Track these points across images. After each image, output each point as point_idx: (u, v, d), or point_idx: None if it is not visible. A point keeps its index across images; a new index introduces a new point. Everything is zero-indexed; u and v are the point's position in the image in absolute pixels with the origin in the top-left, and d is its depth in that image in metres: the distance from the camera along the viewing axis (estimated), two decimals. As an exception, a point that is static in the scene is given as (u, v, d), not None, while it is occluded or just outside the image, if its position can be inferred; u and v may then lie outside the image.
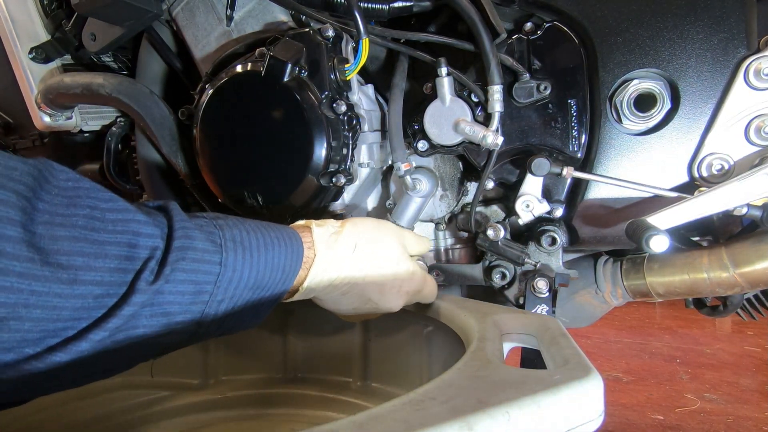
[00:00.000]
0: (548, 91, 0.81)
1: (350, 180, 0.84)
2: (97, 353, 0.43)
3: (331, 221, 0.66)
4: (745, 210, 0.72)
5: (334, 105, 0.80)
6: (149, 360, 0.51)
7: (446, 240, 0.99)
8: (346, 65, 0.82)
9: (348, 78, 0.83)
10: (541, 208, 0.83)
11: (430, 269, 0.89)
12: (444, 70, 0.81)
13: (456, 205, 0.96)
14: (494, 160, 0.82)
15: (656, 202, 0.79)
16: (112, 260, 0.43)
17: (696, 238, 0.91)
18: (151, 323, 0.47)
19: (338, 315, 0.71)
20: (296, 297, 0.62)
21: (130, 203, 0.47)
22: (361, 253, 0.64)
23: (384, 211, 0.96)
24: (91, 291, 0.42)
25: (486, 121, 0.82)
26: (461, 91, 0.83)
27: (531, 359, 0.59)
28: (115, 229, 0.44)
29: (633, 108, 0.78)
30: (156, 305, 0.46)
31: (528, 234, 0.88)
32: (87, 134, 1.17)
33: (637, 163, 0.80)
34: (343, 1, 0.83)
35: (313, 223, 0.65)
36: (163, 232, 0.48)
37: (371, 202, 0.98)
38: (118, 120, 1.13)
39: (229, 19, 0.90)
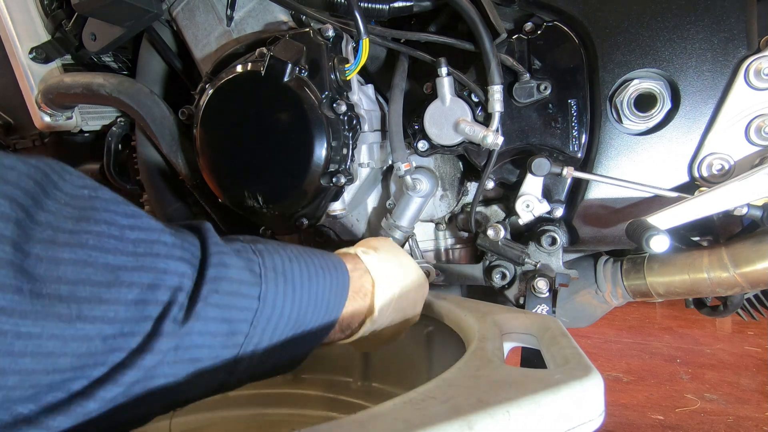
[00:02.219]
0: (548, 91, 0.81)
1: (350, 180, 0.84)
2: (107, 413, 0.35)
3: (360, 248, 0.62)
4: (745, 210, 0.72)
5: (334, 105, 0.80)
6: (167, 413, 0.42)
7: (446, 240, 0.99)
8: (347, 65, 0.82)
9: (348, 78, 0.83)
10: (542, 208, 0.83)
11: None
12: (444, 70, 0.81)
13: (456, 205, 0.96)
14: (494, 160, 0.82)
15: (656, 202, 0.79)
16: (130, 290, 0.34)
17: (696, 238, 0.91)
18: (174, 371, 0.38)
19: (376, 347, 0.64)
20: (361, 332, 0.55)
21: (156, 221, 0.39)
22: (400, 273, 0.60)
23: (384, 211, 0.96)
24: (100, 330, 0.32)
25: (486, 121, 0.82)
26: (461, 91, 0.83)
27: (531, 359, 0.59)
28: (135, 251, 0.35)
29: (633, 108, 0.78)
30: (182, 350, 0.37)
31: (528, 234, 0.88)
32: (87, 134, 1.17)
33: (638, 163, 0.80)
34: (343, 1, 0.83)
35: (359, 250, 0.59)
36: (195, 257, 0.40)
37: (371, 202, 0.98)
38: (119, 120, 1.13)
39: (230, 19, 0.90)
